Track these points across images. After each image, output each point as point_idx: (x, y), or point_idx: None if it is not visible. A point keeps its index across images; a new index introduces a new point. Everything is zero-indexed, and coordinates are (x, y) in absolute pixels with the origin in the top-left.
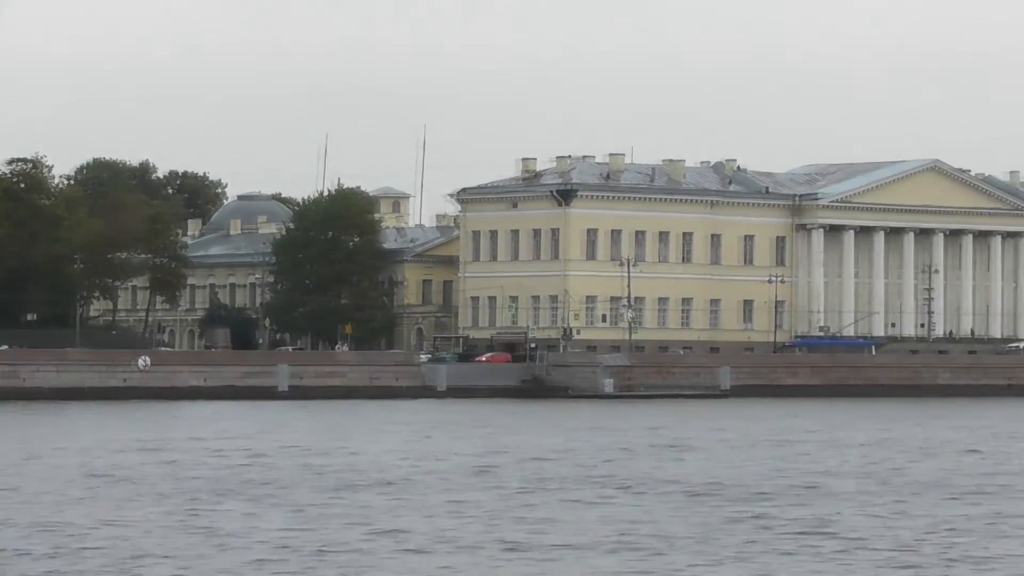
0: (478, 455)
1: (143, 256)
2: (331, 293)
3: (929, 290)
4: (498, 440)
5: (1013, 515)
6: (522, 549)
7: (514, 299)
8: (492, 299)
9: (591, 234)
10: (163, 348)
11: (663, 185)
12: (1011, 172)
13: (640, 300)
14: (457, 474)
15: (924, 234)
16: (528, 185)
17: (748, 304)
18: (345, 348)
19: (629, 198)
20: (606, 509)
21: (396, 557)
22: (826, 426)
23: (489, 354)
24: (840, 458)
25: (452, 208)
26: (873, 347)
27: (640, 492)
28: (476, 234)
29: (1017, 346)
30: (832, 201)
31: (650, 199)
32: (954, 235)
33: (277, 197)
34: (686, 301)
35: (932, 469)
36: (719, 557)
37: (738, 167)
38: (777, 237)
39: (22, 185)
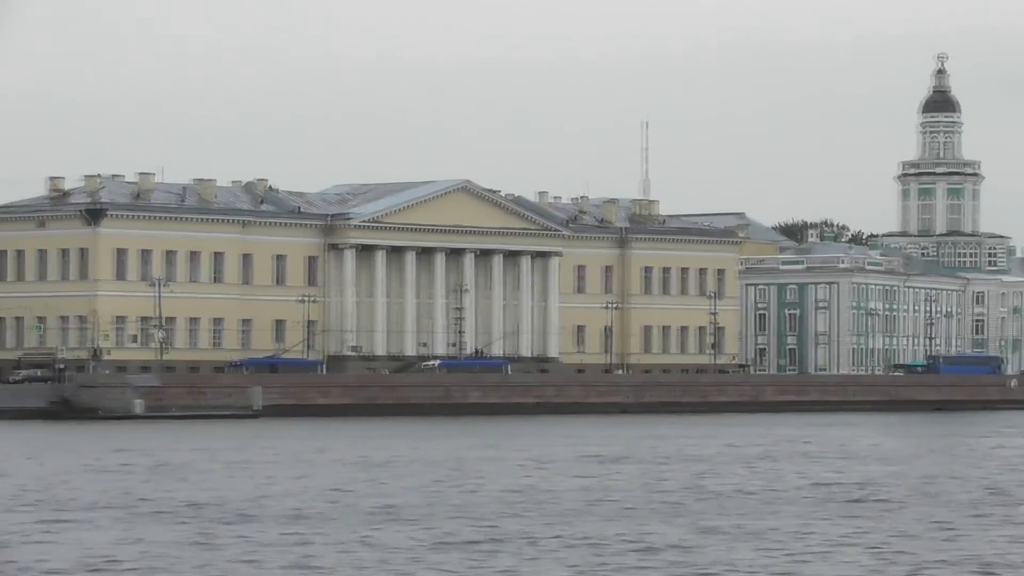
0: None
1: None
2: None
3: (460, 309)
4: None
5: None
6: None
7: (42, 320)
8: (19, 320)
9: (121, 254)
10: None
11: (194, 205)
12: (540, 193)
13: (171, 320)
14: None
15: (455, 254)
16: (56, 204)
17: (280, 324)
18: None
19: (159, 218)
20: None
21: None
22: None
23: None
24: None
25: None
26: (321, 368)
27: (116, 515)
28: (2, 253)
29: (433, 364)
30: (364, 221)
31: (181, 219)
32: (484, 255)
33: None
34: (218, 321)
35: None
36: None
37: (270, 187)
38: (309, 257)
39: None
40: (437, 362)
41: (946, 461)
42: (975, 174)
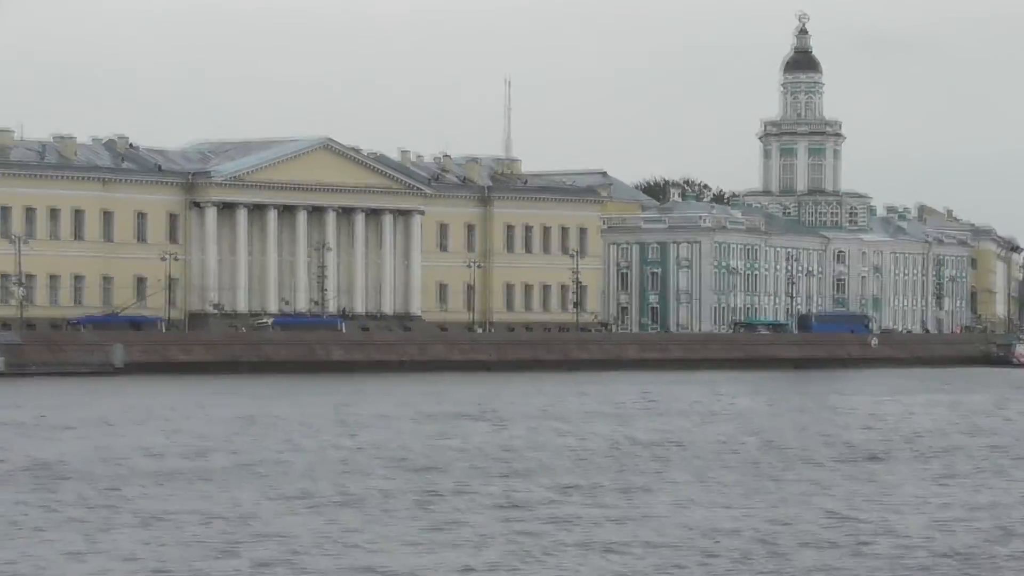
0: None
1: None
2: None
3: (322, 267)
4: None
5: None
6: None
7: None
8: None
9: None
10: None
11: (54, 162)
12: (403, 151)
13: (32, 278)
14: None
15: (317, 212)
16: None
17: (142, 281)
18: None
19: (19, 175)
20: None
21: None
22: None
23: None
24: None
25: None
26: (161, 325)
27: None
28: None
29: (266, 322)
30: (225, 180)
31: (41, 176)
32: (346, 213)
33: None
34: (78, 278)
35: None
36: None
37: (130, 144)
38: (170, 214)
39: None
40: (271, 320)
41: (799, 418)
42: (837, 134)
